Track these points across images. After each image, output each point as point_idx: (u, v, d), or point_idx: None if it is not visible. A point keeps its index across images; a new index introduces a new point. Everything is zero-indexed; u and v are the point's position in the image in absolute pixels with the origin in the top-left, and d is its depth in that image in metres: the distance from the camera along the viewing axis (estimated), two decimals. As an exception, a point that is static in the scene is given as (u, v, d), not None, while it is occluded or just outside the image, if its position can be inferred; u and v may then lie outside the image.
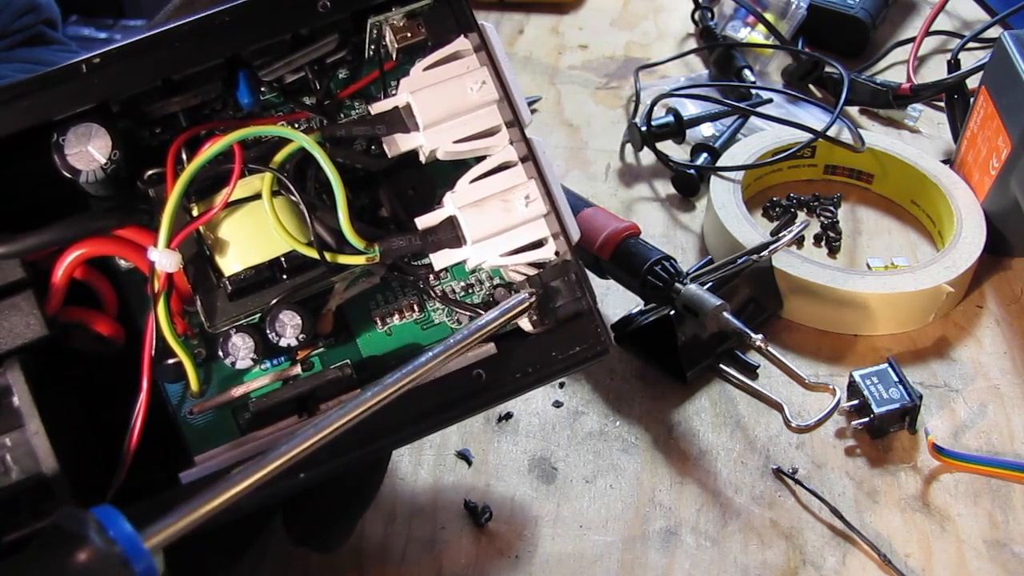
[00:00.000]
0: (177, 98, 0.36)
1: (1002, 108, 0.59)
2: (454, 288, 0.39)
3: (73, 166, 0.34)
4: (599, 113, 0.75)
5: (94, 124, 0.34)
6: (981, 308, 0.58)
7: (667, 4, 0.89)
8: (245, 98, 0.37)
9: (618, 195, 0.67)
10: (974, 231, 0.58)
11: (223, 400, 0.37)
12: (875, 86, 0.72)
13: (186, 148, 0.36)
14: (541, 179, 0.36)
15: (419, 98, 0.36)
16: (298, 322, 0.36)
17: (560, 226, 0.36)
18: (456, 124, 0.36)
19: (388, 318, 0.39)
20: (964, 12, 0.86)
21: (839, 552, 0.45)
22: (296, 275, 0.37)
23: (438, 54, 0.37)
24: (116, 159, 0.34)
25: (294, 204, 0.36)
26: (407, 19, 0.37)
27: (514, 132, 0.36)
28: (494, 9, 0.87)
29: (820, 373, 0.54)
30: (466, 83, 0.36)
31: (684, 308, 0.50)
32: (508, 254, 0.36)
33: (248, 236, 0.36)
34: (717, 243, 0.60)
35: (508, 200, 0.36)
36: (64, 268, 0.35)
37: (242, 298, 0.37)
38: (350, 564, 0.44)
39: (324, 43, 0.37)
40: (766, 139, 0.66)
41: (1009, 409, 0.52)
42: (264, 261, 0.36)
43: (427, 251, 0.36)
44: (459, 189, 0.36)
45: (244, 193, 0.36)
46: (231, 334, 0.36)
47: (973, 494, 0.47)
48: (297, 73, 0.38)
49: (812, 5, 0.79)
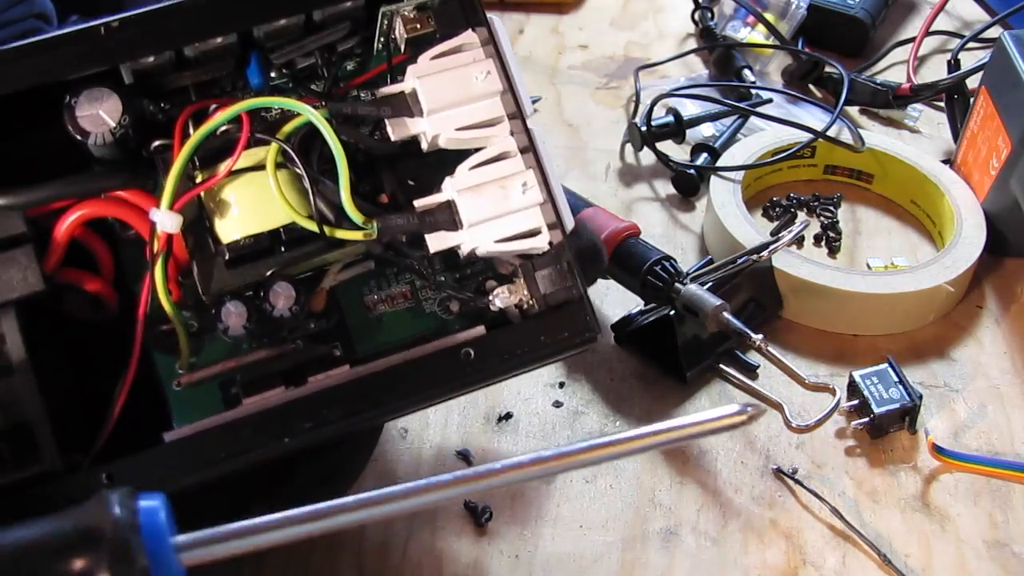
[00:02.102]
0: (189, 72, 0.37)
1: (1002, 108, 0.59)
2: (446, 278, 0.40)
3: (83, 127, 0.35)
4: (599, 113, 0.75)
5: (106, 89, 0.35)
6: (981, 308, 0.58)
7: (667, 4, 0.89)
8: (255, 78, 0.37)
9: (618, 195, 0.67)
10: (974, 231, 0.58)
11: (212, 373, 0.37)
12: (875, 86, 0.72)
13: (193, 120, 0.37)
14: (540, 169, 0.37)
15: (425, 84, 0.37)
16: (292, 293, 0.37)
17: (556, 216, 0.36)
18: (459, 112, 0.37)
19: (380, 304, 0.39)
20: (964, 12, 0.86)
21: (839, 552, 0.45)
22: (294, 248, 0.37)
23: (446, 44, 0.37)
24: (126, 124, 0.35)
25: (296, 178, 0.37)
26: (417, 11, 0.38)
27: (516, 124, 0.37)
28: (494, 9, 0.87)
29: (820, 373, 0.54)
30: (471, 72, 0.37)
31: (684, 308, 0.50)
32: (502, 241, 0.37)
33: (249, 206, 0.37)
34: (717, 243, 0.60)
35: (505, 187, 0.37)
36: (66, 227, 0.36)
37: (239, 267, 0.37)
38: (350, 564, 0.44)
39: (336, 29, 0.38)
40: (766, 139, 0.66)
41: (1009, 409, 0.52)
42: (263, 231, 0.37)
43: (423, 231, 0.37)
44: (458, 174, 0.37)
45: (248, 163, 0.37)
46: (225, 301, 0.36)
47: (973, 494, 0.47)
48: (308, 59, 0.39)
49: (812, 5, 0.79)
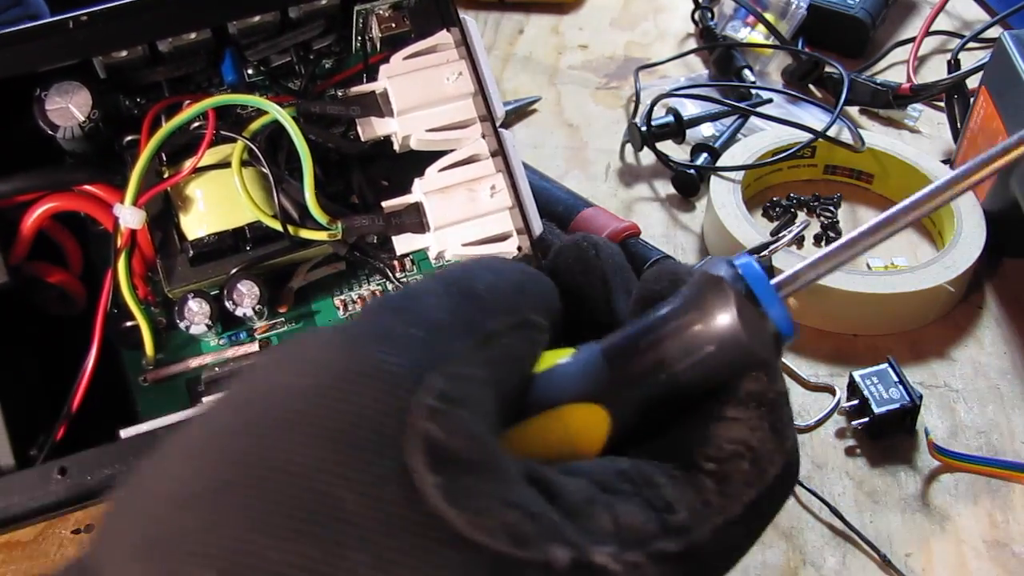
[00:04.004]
0: (163, 68, 0.37)
1: (1002, 108, 0.59)
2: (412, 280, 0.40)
3: (52, 121, 0.35)
4: (599, 113, 0.75)
5: (76, 83, 0.35)
6: (981, 308, 0.58)
7: (667, 4, 0.89)
8: (229, 75, 0.37)
9: (618, 195, 0.67)
10: (974, 231, 0.58)
11: (178, 370, 0.37)
12: (875, 86, 0.72)
13: (165, 115, 0.37)
14: (509, 173, 0.36)
15: (396, 84, 0.37)
16: (256, 292, 0.37)
17: (524, 221, 0.36)
18: (430, 113, 0.37)
19: (351, 305, 0.39)
20: (964, 12, 0.86)
21: (839, 552, 0.45)
22: (259, 246, 0.37)
23: (419, 44, 0.37)
24: (95, 118, 0.35)
25: (262, 177, 0.37)
26: (393, 10, 0.38)
27: (487, 127, 0.37)
28: (494, 9, 0.87)
29: (820, 373, 0.54)
30: (443, 73, 0.37)
31: (684, 308, 0.50)
32: (470, 244, 0.36)
33: (214, 203, 0.37)
34: (717, 243, 0.60)
35: (474, 190, 0.36)
36: (33, 219, 0.36)
37: (203, 264, 0.37)
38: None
39: (311, 27, 0.38)
40: (766, 139, 0.66)
41: (1009, 409, 0.52)
42: (228, 229, 0.37)
43: (389, 233, 0.37)
44: (427, 176, 0.37)
45: (216, 160, 0.37)
46: (188, 299, 0.36)
47: (973, 494, 0.47)
48: (284, 56, 0.38)
49: (812, 5, 0.78)
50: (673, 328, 0.26)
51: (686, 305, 0.26)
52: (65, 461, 0.32)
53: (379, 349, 0.21)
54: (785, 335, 0.25)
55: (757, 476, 0.24)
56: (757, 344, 0.25)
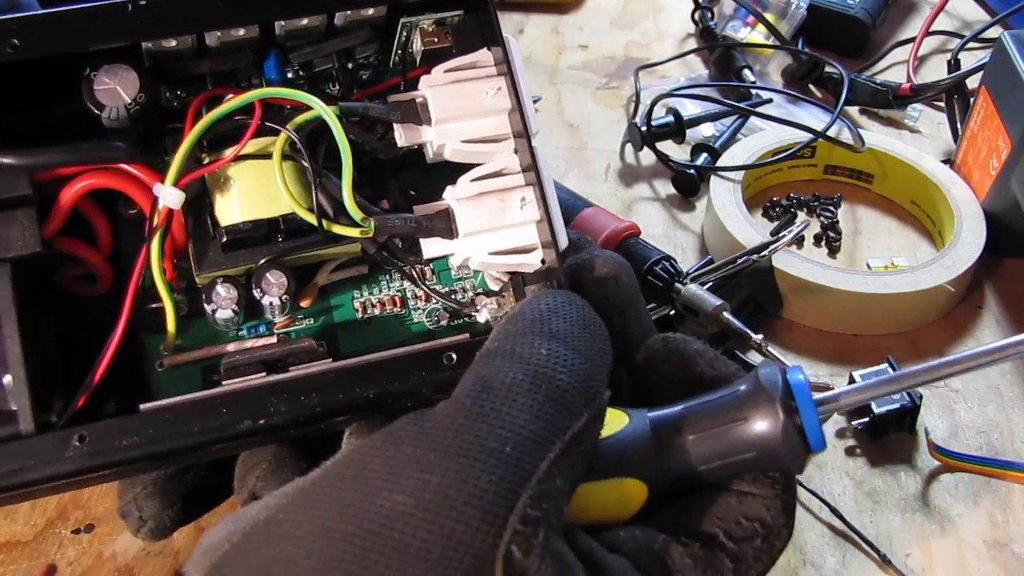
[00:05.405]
0: (208, 60, 0.38)
1: (1002, 108, 0.59)
2: (438, 290, 0.40)
3: (99, 100, 0.36)
4: (599, 113, 0.75)
5: (126, 65, 0.36)
6: (981, 308, 0.58)
7: (667, 4, 0.89)
8: (272, 73, 0.38)
9: (618, 195, 0.67)
10: (974, 231, 0.58)
11: (195, 357, 0.37)
12: (875, 86, 0.72)
13: (207, 106, 0.37)
14: (540, 188, 0.37)
15: (436, 94, 0.37)
16: (284, 281, 0.37)
17: (551, 235, 0.36)
18: (467, 125, 0.37)
19: (370, 308, 0.40)
20: (964, 12, 0.86)
21: (839, 552, 0.45)
22: (291, 239, 0.38)
23: (460, 59, 0.38)
24: (141, 101, 0.36)
25: (300, 170, 0.37)
26: (436, 25, 0.39)
27: (520, 143, 0.37)
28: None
29: (820, 373, 0.54)
30: (482, 87, 0.38)
31: (684, 308, 0.50)
32: (496, 254, 0.37)
33: (252, 192, 0.37)
34: (717, 243, 0.60)
35: (504, 200, 0.37)
36: (70, 194, 0.36)
37: (234, 251, 0.37)
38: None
39: (356, 35, 0.39)
40: (766, 139, 0.66)
41: (1009, 409, 0.52)
42: (262, 218, 0.37)
43: (419, 235, 0.37)
44: (460, 183, 0.37)
45: (255, 151, 0.37)
46: (216, 283, 0.37)
47: (973, 494, 0.47)
48: (325, 62, 0.39)
49: (812, 5, 0.79)
50: (721, 430, 0.29)
51: (738, 408, 0.29)
52: (84, 429, 0.32)
53: (472, 467, 0.25)
54: (814, 449, 0.29)
55: (767, 551, 0.29)
56: (789, 458, 0.29)
